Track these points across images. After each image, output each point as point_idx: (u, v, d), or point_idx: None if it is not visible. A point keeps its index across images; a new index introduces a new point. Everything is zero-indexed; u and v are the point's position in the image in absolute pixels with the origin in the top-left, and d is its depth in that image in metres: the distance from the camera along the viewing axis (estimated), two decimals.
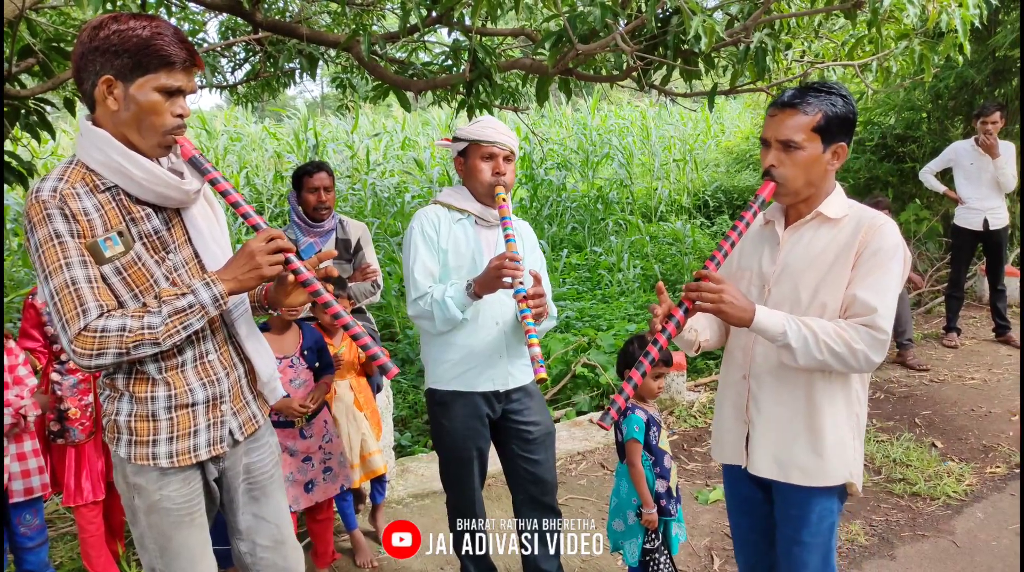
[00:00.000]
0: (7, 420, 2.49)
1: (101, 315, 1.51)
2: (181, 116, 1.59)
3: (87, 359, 1.51)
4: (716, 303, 1.67)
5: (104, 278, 1.56)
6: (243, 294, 1.78)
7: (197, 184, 1.69)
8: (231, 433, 1.76)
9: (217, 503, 1.84)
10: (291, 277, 1.67)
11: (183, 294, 1.58)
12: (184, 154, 1.66)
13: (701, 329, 1.98)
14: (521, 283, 2.13)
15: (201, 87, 5.02)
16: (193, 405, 1.68)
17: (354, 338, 1.67)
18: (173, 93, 1.57)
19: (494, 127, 2.34)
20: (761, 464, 1.88)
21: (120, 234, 1.57)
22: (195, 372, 1.69)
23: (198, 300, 1.58)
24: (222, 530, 1.95)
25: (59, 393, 2.68)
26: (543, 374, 2.01)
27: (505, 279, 2.13)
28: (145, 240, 1.62)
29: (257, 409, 1.85)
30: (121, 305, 1.58)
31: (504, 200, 2.29)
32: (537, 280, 2.19)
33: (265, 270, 1.61)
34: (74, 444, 2.70)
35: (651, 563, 2.46)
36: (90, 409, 2.70)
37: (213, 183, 1.67)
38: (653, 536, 2.45)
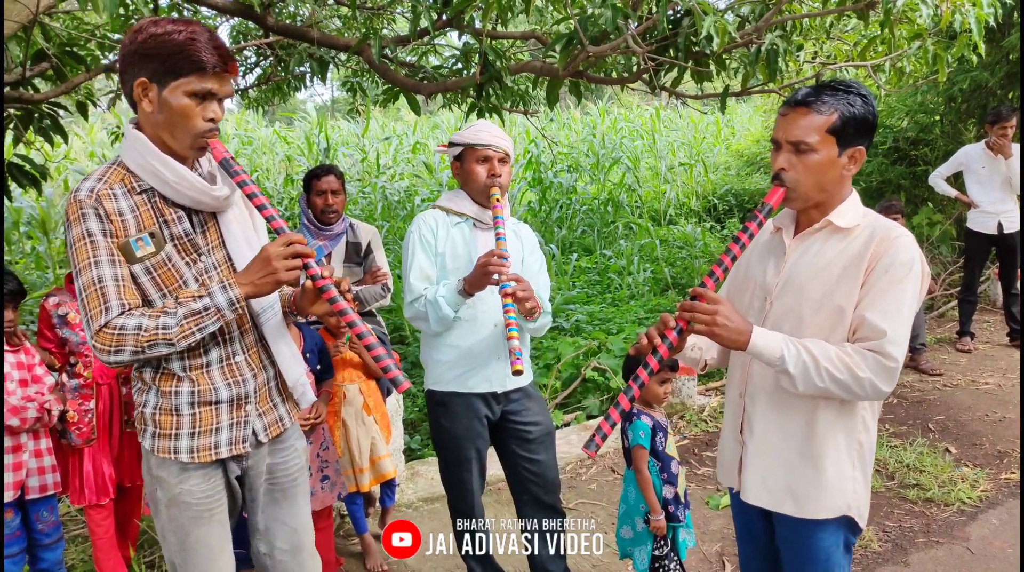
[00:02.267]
0: (33, 414, 2.53)
1: (122, 313, 1.56)
2: (213, 120, 1.62)
3: (106, 355, 1.56)
4: (709, 325, 1.56)
5: (134, 277, 1.61)
6: (274, 298, 1.79)
7: (227, 190, 1.71)
8: (255, 434, 1.77)
9: (239, 502, 1.84)
10: (308, 282, 1.68)
11: (199, 297, 1.60)
12: (216, 156, 1.68)
13: (706, 347, 1.91)
14: (508, 280, 2.16)
15: None
16: (216, 403, 1.70)
17: (368, 349, 1.65)
18: (205, 97, 1.59)
19: (488, 130, 2.39)
20: (751, 490, 1.77)
21: (152, 235, 1.62)
22: (220, 372, 1.71)
23: (213, 303, 1.60)
24: (242, 533, 1.95)
25: (63, 394, 2.69)
26: (520, 366, 2.06)
27: (493, 276, 2.16)
28: (176, 242, 1.66)
29: (285, 412, 1.85)
30: (149, 304, 1.63)
31: (498, 201, 2.33)
32: (518, 280, 2.22)
33: (281, 275, 1.61)
34: (71, 447, 2.71)
35: (661, 570, 2.44)
36: (89, 416, 2.69)
37: (241, 185, 1.69)
38: (662, 543, 2.43)
